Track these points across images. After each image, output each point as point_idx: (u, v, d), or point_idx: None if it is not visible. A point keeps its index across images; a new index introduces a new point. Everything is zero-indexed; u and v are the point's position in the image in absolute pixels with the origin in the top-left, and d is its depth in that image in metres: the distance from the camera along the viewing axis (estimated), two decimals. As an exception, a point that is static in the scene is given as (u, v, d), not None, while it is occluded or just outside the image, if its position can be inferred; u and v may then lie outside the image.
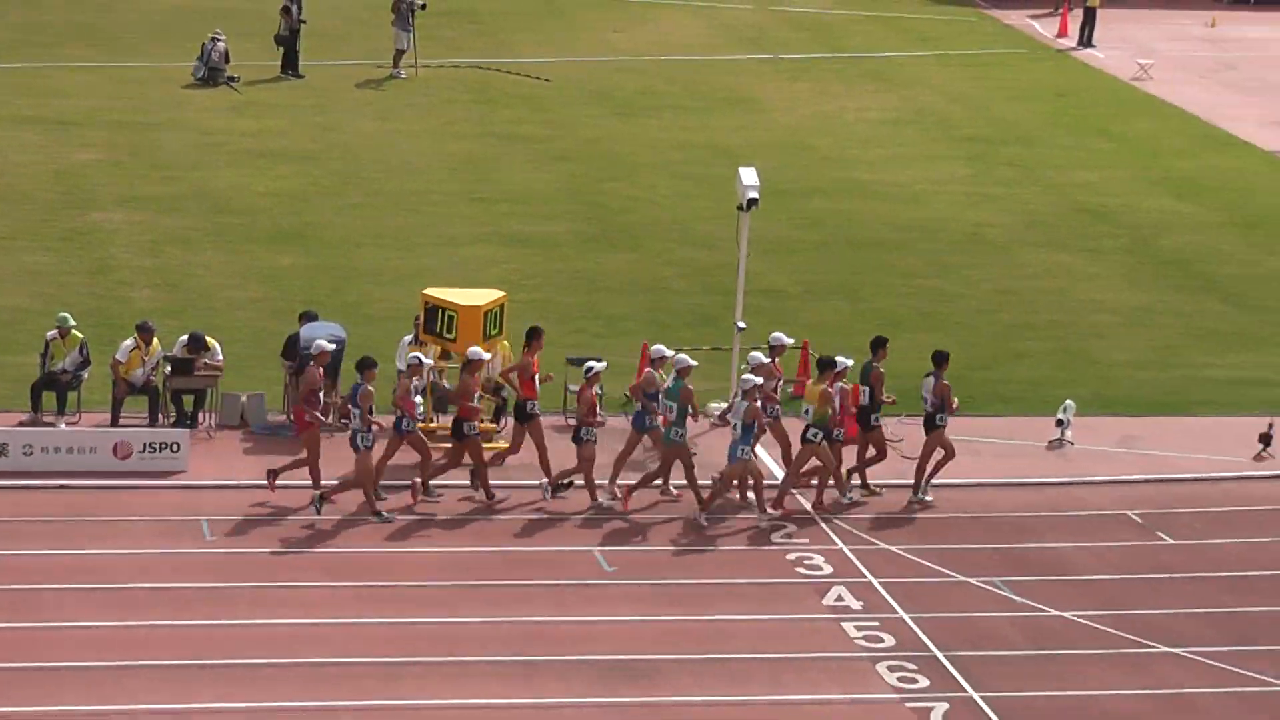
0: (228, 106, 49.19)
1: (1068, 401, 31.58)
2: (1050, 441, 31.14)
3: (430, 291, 30.30)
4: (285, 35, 52.47)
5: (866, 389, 29.14)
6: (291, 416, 29.81)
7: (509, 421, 29.91)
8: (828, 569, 26.93)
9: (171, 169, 43.76)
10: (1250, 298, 38.52)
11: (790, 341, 30.08)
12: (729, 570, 26.83)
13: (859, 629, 25.27)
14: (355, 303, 35.69)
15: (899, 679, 24.06)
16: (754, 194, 31.01)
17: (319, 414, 28.13)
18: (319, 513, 27.64)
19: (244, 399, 30.58)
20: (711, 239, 39.53)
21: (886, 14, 64.26)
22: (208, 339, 30.67)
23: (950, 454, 29.07)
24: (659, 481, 28.89)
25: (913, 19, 63.78)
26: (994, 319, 36.48)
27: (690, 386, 28.34)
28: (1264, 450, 31.12)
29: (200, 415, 30.42)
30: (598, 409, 28.48)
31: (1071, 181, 46.09)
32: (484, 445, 28.86)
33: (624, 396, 30.10)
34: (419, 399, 28.27)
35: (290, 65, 52.48)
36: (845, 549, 27.49)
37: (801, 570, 26.90)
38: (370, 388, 27.56)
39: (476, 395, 28.38)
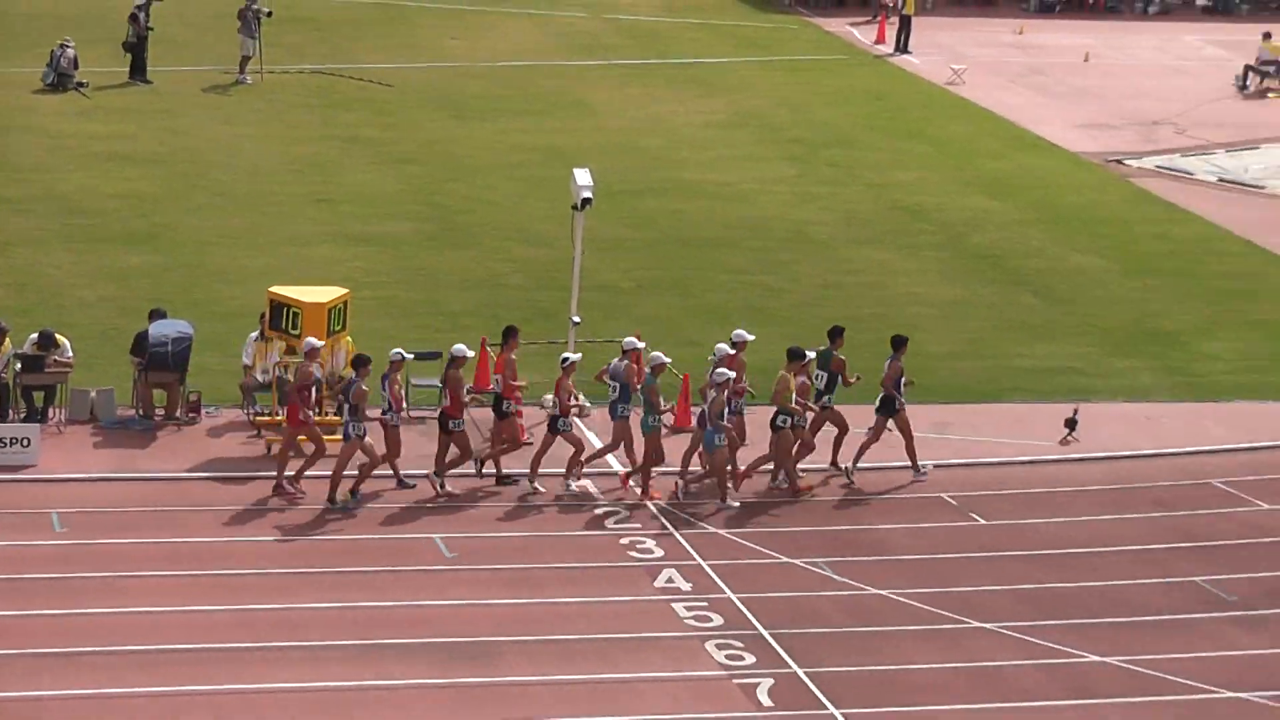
0: (77, 111, 48.60)
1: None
2: (869, 429, 31.24)
3: (276, 289, 30.08)
4: (133, 42, 51.90)
5: (824, 374, 29.47)
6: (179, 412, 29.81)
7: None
8: (659, 552, 26.94)
9: (21, 171, 43.19)
10: (1057, 291, 38.90)
11: (751, 338, 30.00)
12: (564, 555, 26.77)
13: (688, 609, 25.29)
14: (203, 300, 35.32)
15: (727, 656, 24.10)
16: (588, 194, 31.00)
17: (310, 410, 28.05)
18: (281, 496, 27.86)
19: (93, 394, 30.21)
20: (548, 237, 39.45)
21: (713, 21, 64.43)
22: (58, 336, 30.28)
23: (875, 439, 29.58)
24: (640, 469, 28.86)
25: (738, 26, 63.96)
26: (818, 312, 36.60)
27: (657, 383, 28.57)
28: (1070, 435, 31.44)
29: (50, 411, 30.01)
30: (577, 397, 28.90)
31: (889, 181, 46.37)
32: (326, 438, 28.69)
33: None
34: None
35: (138, 71, 51.91)
36: (676, 533, 27.51)
37: (634, 554, 26.89)
38: (364, 386, 27.53)
39: (465, 388, 28.47)
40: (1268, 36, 57.96)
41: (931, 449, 30.58)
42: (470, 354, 28.92)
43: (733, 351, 29.33)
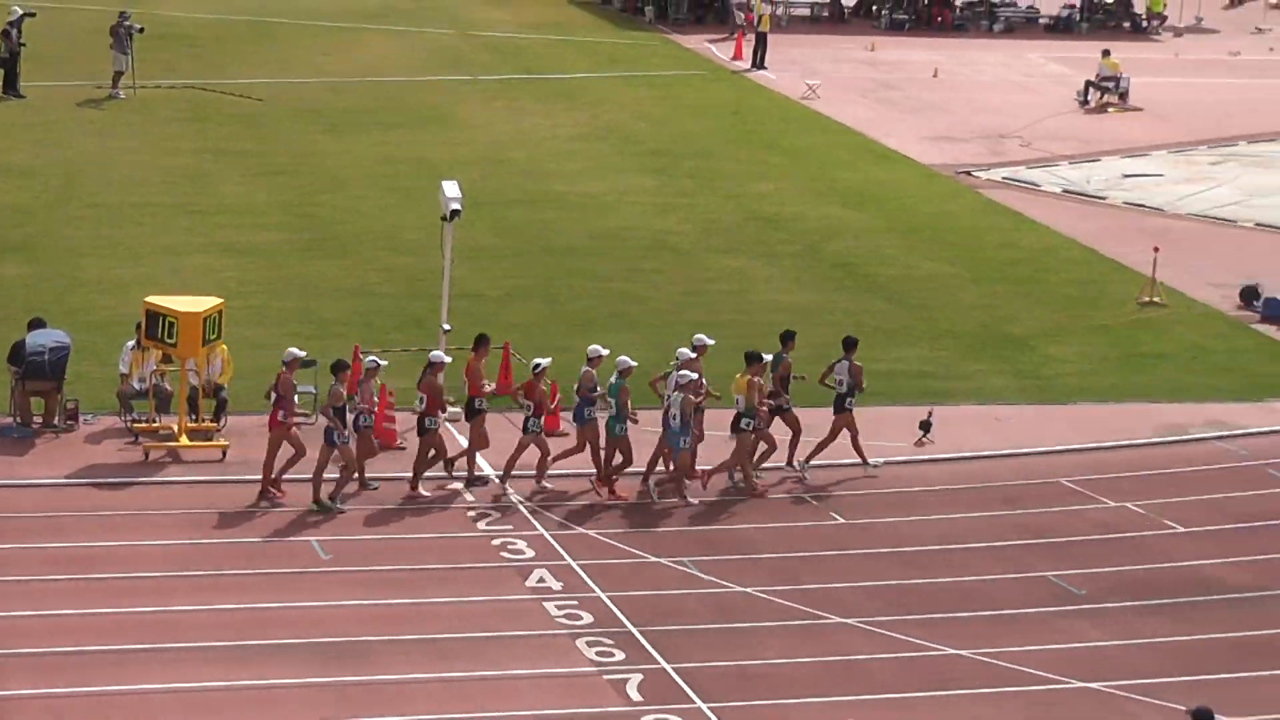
0: (-48, 125, 48.04)
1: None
2: (731, 434, 31.32)
3: (152, 299, 29.76)
4: (5, 57, 51.35)
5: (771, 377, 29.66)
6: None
7: (226, 420, 29.74)
8: (530, 553, 26.87)
9: (-102, 184, 42.66)
10: (910, 297, 39.13)
11: (711, 342, 30.12)
12: (437, 556, 26.66)
13: (559, 608, 25.23)
14: (79, 310, 34.93)
15: (597, 653, 24.06)
16: (456, 205, 30.91)
17: (295, 417, 28.07)
18: (271, 503, 27.81)
19: (-30, 403, 29.88)
20: (417, 247, 39.30)
21: (576, 38, 64.46)
22: (-65, 345, 29.92)
23: (855, 433, 29.95)
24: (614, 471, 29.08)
25: (601, 43, 64.00)
26: (679, 318, 36.66)
27: (628, 386, 28.62)
28: (924, 436, 31.62)
29: (-71, 419, 29.67)
30: (546, 402, 28.96)
31: (748, 192, 46.51)
32: (205, 444, 28.47)
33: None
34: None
35: (11, 86, 51.35)
36: (546, 534, 27.44)
37: (505, 555, 26.81)
38: (342, 389, 27.68)
39: (443, 394, 28.55)
40: (1107, 54, 58.60)
41: (782, 449, 30.64)
42: (448, 360, 28.86)
43: (694, 355, 29.47)
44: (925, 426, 31.69)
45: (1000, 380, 34.76)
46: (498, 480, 28.94)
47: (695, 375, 28.82)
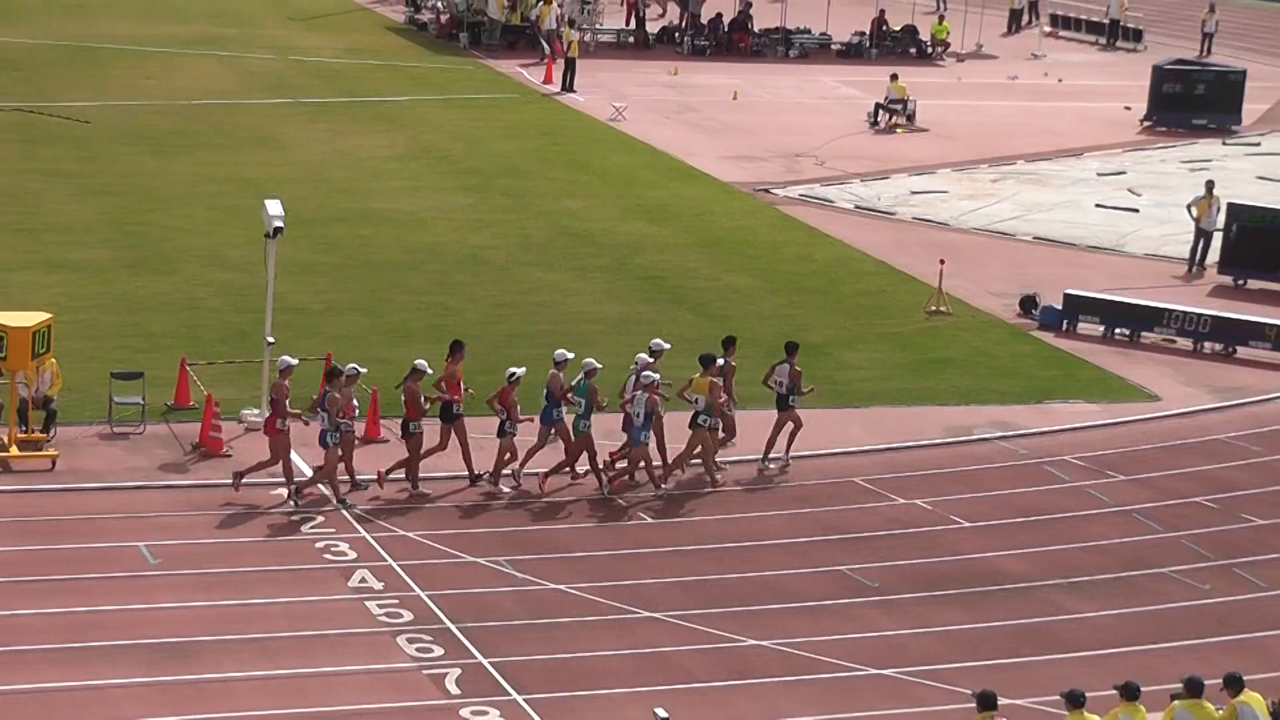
0: None
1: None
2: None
3: (-19, 314, 29.31)
4: None
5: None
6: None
7: (56, 431, 29.38)
8: (352, 554, 26.72)
9: None
10: (712, 308, 39.34)
11: (668, 346, 31.13)
12: (263, 559, 26.43)
13: (380, 607, 25.12)
14: (-89, 325, 34.22)
15: (417, 649, 23.98)
16: (279, 223, 30.67)
17: (289, 421, 28.17)
18: (296, 505, 27.97)
19: None
20: (242, 263, 38.97)
21: (394, 63, 64.19)
22: None
23: (799, 426, 30.74)
24: (568, 469, 29.70)
25: (417, 67, 63.77)
26: (494, 329, 36.62)
27: (596, 385, 29.26)
28: (728, 441, 31.70)
29: None
30: (518, 408, 29.24)
31: (559, 209, 46.55)
32: (35, 455, 28.08)
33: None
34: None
35: None
36: (368, 536, 27.30)
37: (328, 556, 26.64)
38: (338, 394, 27.94)
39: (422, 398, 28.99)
40: (895, 78, 59.28)
41: (605, 454, 30.70)
42: (429, 370, 29.19)
43: (652, 359, 30.26)
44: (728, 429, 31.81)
45: (797, 385, 35.00)
46: (488, 481, 29.27)
47: (657, 376, 29.60)
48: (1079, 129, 58.97)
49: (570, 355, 29.99)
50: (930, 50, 71.45)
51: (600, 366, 29.81)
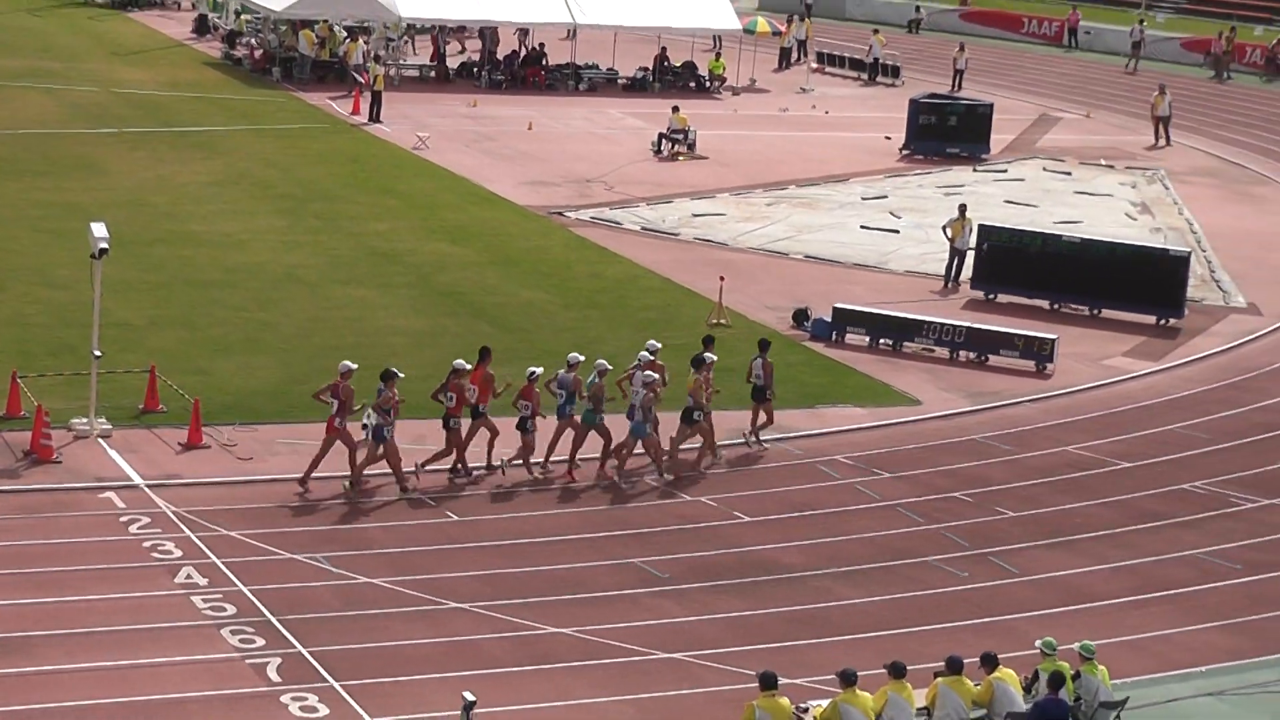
0: None
1: (370, 409, 31.50)
2: (358, 442, 31.06)
3: None
4: None
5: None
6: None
7: None
8: (178, 553, 26.34)
9: None
10: (511, 321, 39.28)
11: (660, 347, 32.56)
12: (93, 559, 25.96)
13: (205, 601, 24.80)
14: None
15: (240, 641, 23.70)
16: (104, 244, 30.19)
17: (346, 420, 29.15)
18: (354, 492, 29.13)
19: None
20: (70, 282, 38.23)
21: (211, 96, 63.37)
22: None
23: (770, 419, 32.81)
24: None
25: (233, 99, 62.99)
26: (308, 342, 36.29)
27: (602, 383, 30.64)
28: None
29: None
30: (539, 404, 30.35)
31: (367, 230, 46.21)
32: None
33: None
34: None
35: None
36: (193, 536, 26.92)
37: (156, 555, 26.24)
38: (391, 393, 29.05)
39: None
40: (676, 110, 59.57)
41: (408, 458, 30.52)
42: (468, 367, 30.29)
43: (651, 357, 31.60)
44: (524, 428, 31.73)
45: (590, 393, 35.05)
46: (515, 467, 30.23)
47: (656, 376, 30.86)
48: (844, 157, 59.66)
49: (581, 358, 31.17)
50: (708, 84, 71.93)
51: (610, 368, 31.22)
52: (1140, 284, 40.62)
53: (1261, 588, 27.93)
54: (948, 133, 60.66)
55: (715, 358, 32.02)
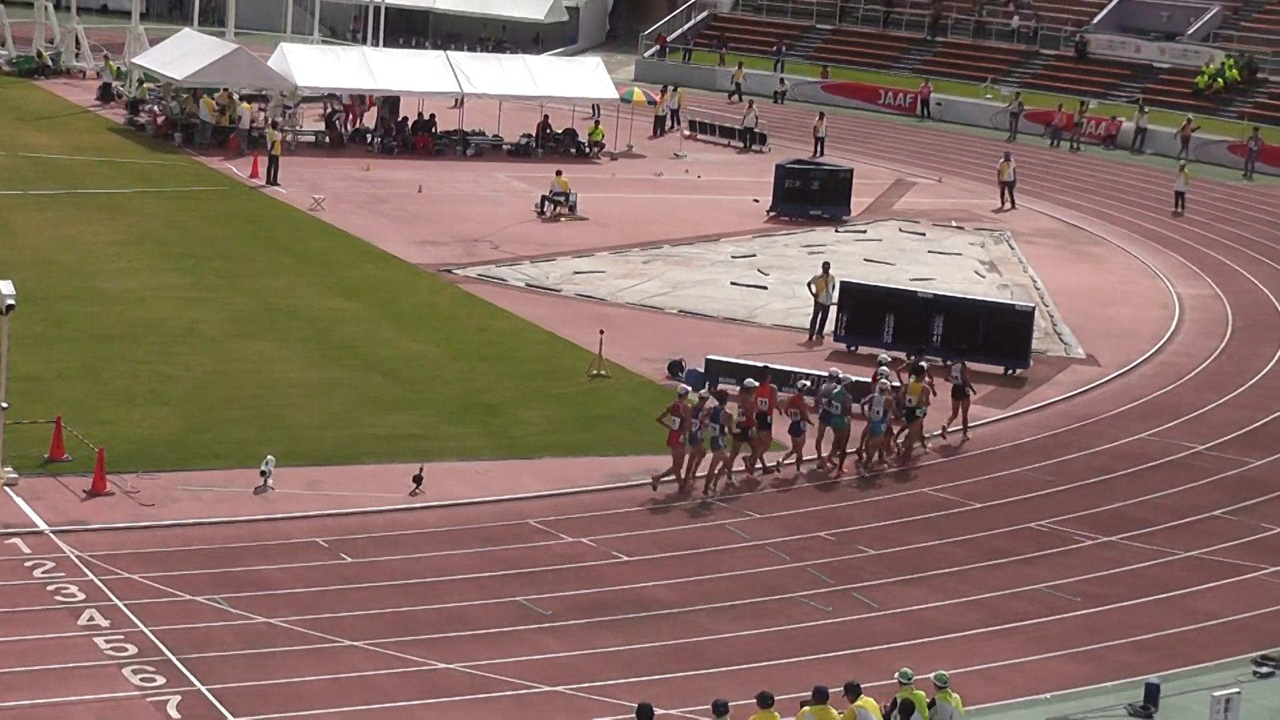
0: None
1: (269, 456, 31.36)
2: (256, 488, 30.83)
3: None
4: None
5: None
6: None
7: None
8: (81, 596, 25.88)
9: None
10: (402, 373, 39.04)
11: (890, 359, 37.13)
12: (-1, 602, 25.51)
13: (108, 642, 24.37)
14: None
15: (141, 680, 23.31)
16: (11, 300, 29.71)
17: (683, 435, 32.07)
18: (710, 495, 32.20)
19: None
20: (-23, 336, 37.53)
21: (115, 159, 62.64)
22: None
23: (965, 419, 36.83)
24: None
25: (136, 163, 62.30)
26: (209, 394, 35.89)
27: (848, 394, 34.39)
28: (418, 488, 31.55)
29: None
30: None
31: (265, 287, 45.80)
32: None
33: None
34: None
35: None
36: (96, 579, 26.45)
37: (60, 598, 25.76)
38: (728, 409, 32.52)
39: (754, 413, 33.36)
40: (559, 173, 59.57)
41: (305, 503, 30.30)
42: (756, 384, 33.66)
43: (889, 370, 35.87)
44: (418, 480, 31.65)
45: (478, 440, 34.93)
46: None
47: (897, 384, 35.19)
48: (715, 218, 59.90)
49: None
50: (588, 150, 72.02)
51: (853, 379, 35.12)
52: (989, 337, 41.01)
53: (1100, 619, 28.22)
54: (811, 196, 61.05)
55: (927, 365, 36.20)
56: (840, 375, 34.98)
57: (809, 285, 45.48)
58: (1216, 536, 32.36)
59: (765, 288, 50.01)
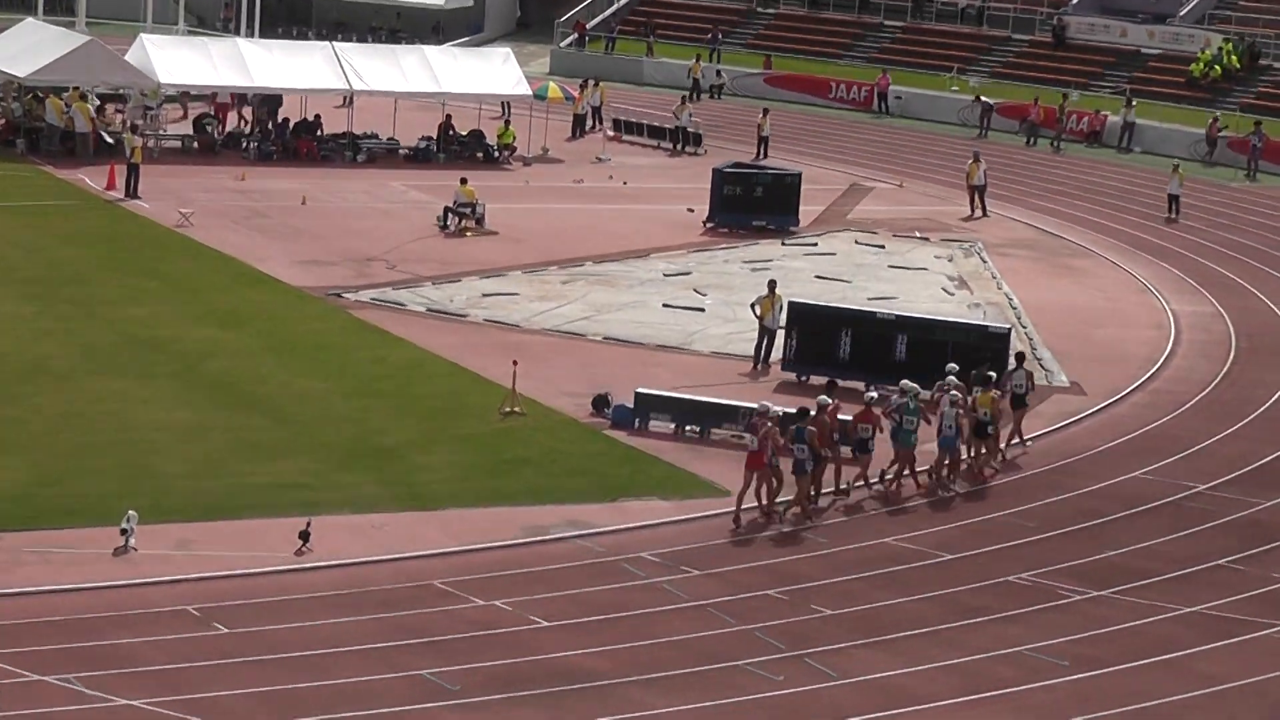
0: None
1: (130, 511, 31.10)
2: (116, 549, 30.57)
3: None
4: None
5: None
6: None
7: None
8: (-88, 678, 25.59)
9: None
10: (286, 412, 38.85)
11: (958, 368, 38.57)
12: None
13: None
14: None
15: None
16: None
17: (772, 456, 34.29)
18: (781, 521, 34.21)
19: None
20: None
21: (-51, 169, 62.23)
22: None
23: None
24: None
25: (-26, 173, 61.93)
26: (60, 440, 35.60)
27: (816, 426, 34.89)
28: (304, 546, 31.37)
29: None
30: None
31: (125, 316, 45.50)
32: None
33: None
34: None
35: None
36: (-72, 658, 26.17)
37: (-114, 680, 25.46)
38: (813, 428, 34.29)
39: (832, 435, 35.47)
40: (464, 181, 59.43)
41: (176, 565, 30.05)
42: (831, 403, 35.67)
43: (956, 380, 37.79)
44: (304, 536, 31.47)
45: (373, 489, 34.78)
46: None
47: (963, 395, 36.82)
48: (645, 230, 60.02)
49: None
50: (497, 155, 72.05)
51: (927, 393, 37.38)
52: (958, 362, 41.15)
53: (1092, 685, 28.31)
54: (754, 204, 61.25)
55: (995, 375, 38.61)
56: (909, 386, 36.79)
57: (752, 307, 45.60)
58: (1223, 589, 32.56)
59: (702, 310, 50.10)
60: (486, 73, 73.53)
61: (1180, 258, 61.19)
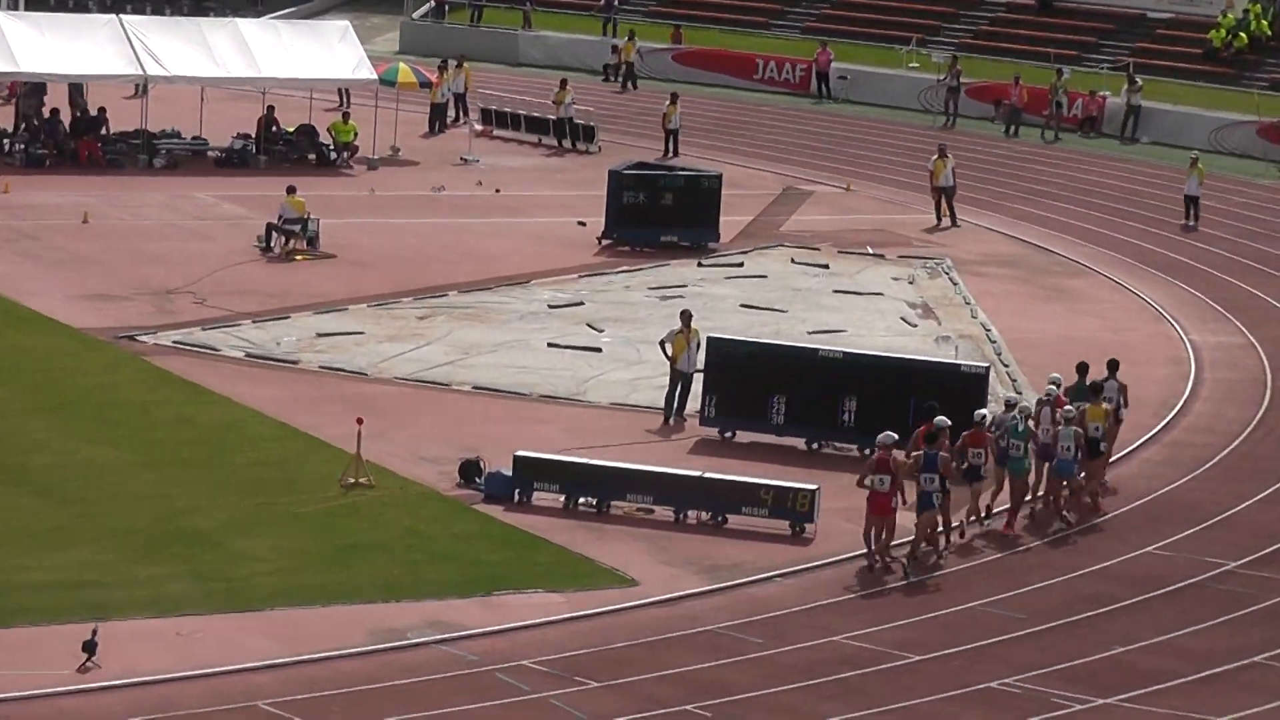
0: None
1: None
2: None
3: None
4: None
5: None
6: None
7: None
8: None
9: None
10: (66, 490, 38.64)
11: (1060, 378, 41.45)
12: None
13: None
14: None
15: None
16: None
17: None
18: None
19: None
20: None
21: None
22: None
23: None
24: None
25: None
26: None
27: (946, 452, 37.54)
28: (89, 660, 31.16)
29: None
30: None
31: None
32: None
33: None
34: None
35: None
36: None
37: None
38: (945, 454, 36.99)
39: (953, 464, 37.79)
40: (292, 191, 59.40)
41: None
42: (949, 423, 37.77)
43: (1059, 391, 40.67)
44: (90, 648, 31.23)
45: (180, 585, 34.61)
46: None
47: (1076, 412, 39.22)
48: (524, 251, 60.10)
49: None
50: (334, 156, 72.01)
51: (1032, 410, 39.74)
52: (924, 410, 41.40)
53: (1100, 818, 28.51)
54: (662, 214, 61.36)
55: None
56: (1015, 400, 40.29)
57: (662, 346, 45.73)
58: (1258, 693, 32.82)
59: (599, 350, 50.21)
60: (319, 53, 73.51)
61: (1200, 274, 61.81)
